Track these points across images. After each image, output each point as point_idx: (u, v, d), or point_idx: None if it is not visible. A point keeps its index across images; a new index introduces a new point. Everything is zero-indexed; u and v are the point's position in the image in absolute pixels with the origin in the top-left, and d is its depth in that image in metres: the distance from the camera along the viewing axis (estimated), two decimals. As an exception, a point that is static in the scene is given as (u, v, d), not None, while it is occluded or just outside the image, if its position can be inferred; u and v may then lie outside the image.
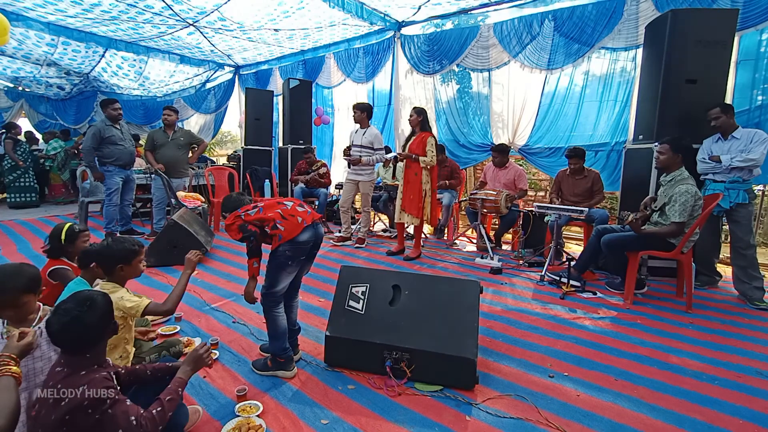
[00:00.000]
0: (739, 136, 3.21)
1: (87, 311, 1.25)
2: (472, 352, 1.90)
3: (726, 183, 3.21)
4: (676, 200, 2.94)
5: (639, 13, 4.30)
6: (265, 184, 6.28)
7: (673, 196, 2.98)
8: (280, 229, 1.91)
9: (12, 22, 4.99)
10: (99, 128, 4.72)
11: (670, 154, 3.06)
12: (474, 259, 4.26)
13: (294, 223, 1.94)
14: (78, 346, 1.24)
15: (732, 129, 3.24)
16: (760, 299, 3.13)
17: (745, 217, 3.19)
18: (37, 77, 8.29)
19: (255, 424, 1.62)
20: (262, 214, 1.96)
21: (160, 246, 3.85)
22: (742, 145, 3.18)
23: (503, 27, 5.17)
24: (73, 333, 1.22)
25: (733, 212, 3.21)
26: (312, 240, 2.01)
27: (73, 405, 1.15)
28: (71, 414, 1.15)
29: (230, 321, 2.66)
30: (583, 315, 2.87)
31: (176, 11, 5.55)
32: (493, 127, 5.59)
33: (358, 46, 6.72)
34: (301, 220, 1.97)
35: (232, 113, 9.73)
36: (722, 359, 2.26)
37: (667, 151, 3.07)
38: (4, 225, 5.57)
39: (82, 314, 1.23)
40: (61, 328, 1.22)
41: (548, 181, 7.13)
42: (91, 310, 1.25)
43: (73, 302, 1.26)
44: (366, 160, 4.50)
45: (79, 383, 1.18)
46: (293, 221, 1.95)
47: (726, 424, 1.71)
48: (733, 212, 3.21)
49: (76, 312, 1.23)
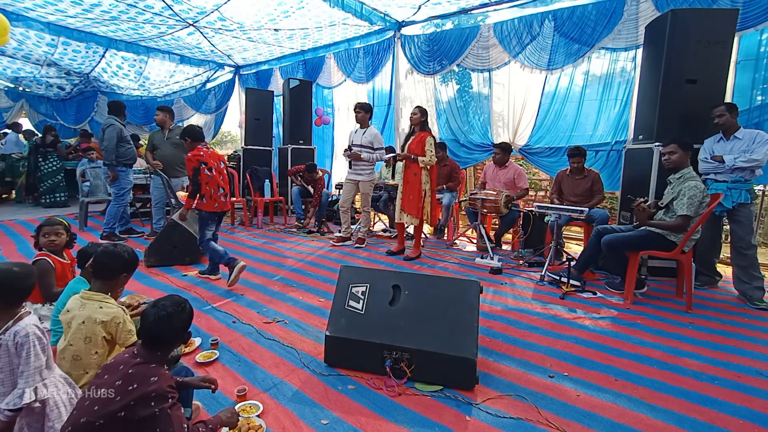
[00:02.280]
0: (741, 136, 3.21)
1: (179, 313, 1.38)
2: (472, 352, 1.90)
3: (728, 183, 3.21)
4: (685, 194, 2.94)
5: (639, 13, 4.30)
6: (265, 184, 6.28)
7: (681, 191, 2.98)
8: (203, 201, 3.35)
9: (12, 22, 4.99)
10: (119, 128, 4.75)
11: (680, 152, 3.06)
12: (474, 259, 4.26)
13: (211, 205, 3.39)
14: (158, 341, 1.34)
15: (734, 129, 3.24)
16: (760, 299, 3.13)
17: (746, 216, 3.19)
18: (38, 77, 8.29)
19: (255, 424, 1.62)
20: (204, 181, 3.30)
21: (160, 246, 3.85)
22: (744, 145, 3.18)
23: (503, 27, 5.18)
24: (161, 328, 1.33)
25: (735, 212, 3.21)
26: (217, 215, 3.51)
27: (142, 392, 1.20)
28: (137, 401, 1.20)
29: (230, 321, 2.66)
30: (583, 315, 2.87)
31: (176, 11, 5.55)
32: (493, 127, 5.59)
33: (359, 46, 6.72)
34: (216, 206, 3.41)
35: (232, 113, 9.74)
36: (722, 359, 2.26)
37: (677, 150, 3.06)
38: (4, 225, 5.57)
39: (175, 314, 1.36)
40: (156, 321, 1.33)
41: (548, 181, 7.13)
42: (181, 314, 1.39)
43: (170, 302, 1.39)
44: (366, 157, 4.51)
45: (151, 374, 1.25)
46: (211, 203, 3.38)
47: (726, 424, 1.71)
48: (734, 212, 3.21)
49: (171, 310, 1.36)
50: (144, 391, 1.20)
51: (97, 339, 1.61)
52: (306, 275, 3.67)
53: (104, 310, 1.64)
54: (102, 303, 1.66)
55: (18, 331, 1.33)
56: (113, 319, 1.64)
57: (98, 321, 1.61)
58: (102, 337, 1.62)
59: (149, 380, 1.22)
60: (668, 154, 3.11)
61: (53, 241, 2.37)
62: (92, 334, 1.60)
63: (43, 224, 2.40)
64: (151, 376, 1.24)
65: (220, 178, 3.46)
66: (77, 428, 1.18)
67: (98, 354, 1.62)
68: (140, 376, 1.23)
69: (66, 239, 2.46)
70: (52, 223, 2.41)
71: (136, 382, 1.21)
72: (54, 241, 2.38)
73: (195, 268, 3.79)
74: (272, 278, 3.57)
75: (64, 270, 2.44)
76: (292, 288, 3.33)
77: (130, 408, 1.18)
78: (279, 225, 6.05)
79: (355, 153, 4.51)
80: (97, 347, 1.61)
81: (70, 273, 2.53)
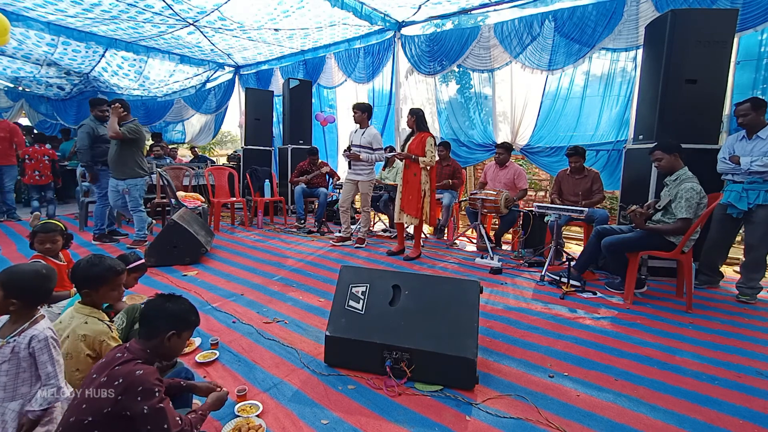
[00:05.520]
0: (765, 136, 3.07)
1: (171, 304, 1.38)
2: (472, 352, 1.90)
3: (744, 184, 3.13)
4: (682, 197, 2.92)
5: (639, 13, 4.31)
6: (265, 184, 6.28)
7: (678, 193, 2.96)
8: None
9: (12, 22, 4.99)
10: (91, 126, 4.52)
11: (667, 157, 3.05)
12: (474, 259, 4.26)
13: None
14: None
15: (759, 128, 3.10)
16: (745, 294, 3.20)
17: (764, 218, 3.08)
18: (37, 77, 8.29)
19: (255, 424, 1.61)
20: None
21: (160, 246, 3.85)
22: (766, 146, 3.04)
23: (504, 27, 5.18)
24: (151, 316, 1.35)
25: (752, 213, 3.12)
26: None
27: (127, 386, 1.18)
28: (123, 395, 1.17)
29: (230, 321, 2.66)
30: (583, 315, 2.87)
31: (176, 11, 5.55)
32: (494, 127, 5.60)
33: (359, 47, 6.73)
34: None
35: (232, 113, 9.75)
36: (722, 359, 2.26)
37: (662, 155, 3.06)
38: (3, 225, 5.57)
39: (166, 304, 1.37)
40: (147, 310, 1.37)
41: (548, 181, 7.14)
42: (176, 304, 1.39)
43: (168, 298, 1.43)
44: (365, 157, 4.51)
45: (136, 368, 1.23)
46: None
47: (726, 424, 1.71)
48: (751, 213, 3.13)
49: (167, 300, 1.40)
50: (129, 385, 1.18)
51: (79, 356, 1.51)
52: (306, 275, 3.67)
53: (89, 326, 1.54)
54: (88, 318, 1.57)
55: (36, 335, 1.34)
56: (97, 336, 1.54)
57: (79, 336, 1.52)
58: (86, 354, 1.52)
59: (134, 374, 1.20)
60: (657, 160, 3.11)
61: (49, 249, 2.35)
62: (74, 351, 1.51)
63: (38, 230, 2.34)
64: (137, 371, 1.21)
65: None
66: (67, 427, 1.17)
67: (80, 372, 1.51)
68: (125, 370, 1.21)
69: (62, 243, 2.44)
70: (47, 231, 2.33)
71: (121, 377, 1.19)
72: (50, 249, 2.35)
73: (195, 268, 3.79)
74: (272, 278, 3.56)
75: (60, 272, 2.43)
76: (292, 288, 3.33)
77: (117, 402, 1.16)
78: (279, 225, 6.05)
79: (354, 153, 4.51)
80: (79, 365, 1.51)
81: (67, 274, 2.52)
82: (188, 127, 10.31)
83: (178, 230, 3.84)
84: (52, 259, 2.38)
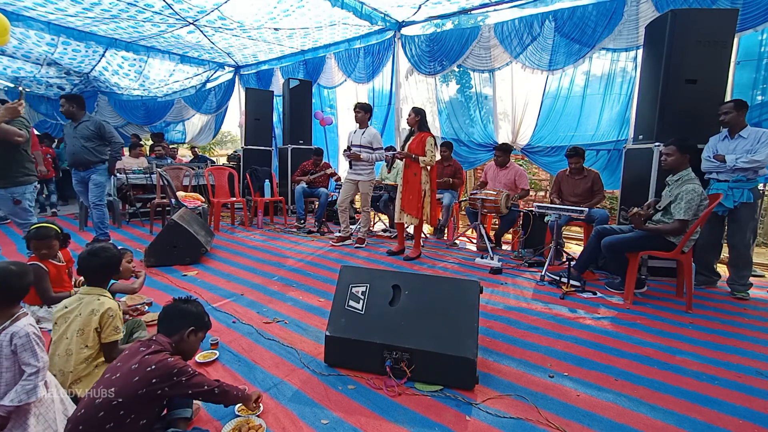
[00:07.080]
0: (746, 135, 3.16)
1: (190, 305, 1.59)
2: (472, 352, 1.90)
3: (729, 182, 3.20)
4: (683, 198, 2.93)
5: (639, 14, 4.31)
6: (265, 184, 6.28)
7: (679, 194, 2.97)
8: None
9: (12, 21, 4.99)
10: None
11: (677, 155, 3.04)
12: (474, 259, 4.26)
13: None
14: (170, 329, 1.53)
15: (740, 127, 3.19)
16: (738, 290, 3.25)
17: (748, 216, 3.17)
18: (37, 77, 8.28)
19: (255, 424, 1.61)
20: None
21: (160, 246, 3.85)
22: (748, 144, 3.13)
23: (504, 27, 5.18)
24: (172, 315, 1.55)
25: (737, 211, 3.19)
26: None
27: (162, 370, 1.33)
28: (159, 378, 1.32)
29: (230, 321, 2.66)
30: (583, 315, 2.87)
31: (176, 10, 5.55)
32: (495, 127, 5.60)
33: (359, 46, 6.73)
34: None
35: (232, 113, 9.75)
36: (722, 359, 2.26)
37: (675, 152, 3.05)
38: (4, 225, 5.57)
39: (185, 305, 1.58)
40: (167, 310, 1.57)
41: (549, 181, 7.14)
42: (194, 305, 1.61)
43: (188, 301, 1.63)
44: (365, 157, 4.51)
45: (167, 356, 1.40)
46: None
47: (726, 424, 1.71)
48: (736, 211, 3.20)
49: (185, 302, 1.60)
50: (163, 368, 1.33)
51: (89, 332, 1.66)
52: (306, 275, 3.67)
53: (101, 302, 1.72)
54: (100, 296, 1.75)
55: (16, 332, 1.33)
56: (108, 310, 1.70)
57: (94, 311, 1.68)
58: (94, 329, 1.66)
59: (167, 360, 1.36)
60: (666, 155, 3.10)
61: (45, 254, 2.35)
62: (86, 326, 1.66)
63: (32, 237, 2.31)
64: (168, 359, 1.37)
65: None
66: (92, 407, 1.26)
67: (87, 348, 1.65)
68: (158, 358, 1.35)
69: (59, 245, 2.43)
70: (41, 237, 2.30)
71: (153, 363, 1.33)
72: (46, 254, 2.35)
73: (195, 268, 3.79)
74: (272, 278, 3.56)
75: (59, 272, 2.43)
76: (292, 288, 3.33)
77: (152, 384, 1.30)
78: (279, 225, 6.05)
79: (354, 153, 4.51)
80: (87, 341, 1.66)
81: (66, 274, 2.52)
82: (189, 127, 10.30)
83: (178, 230, 3.84)
84: (50, 261, 2.38)
